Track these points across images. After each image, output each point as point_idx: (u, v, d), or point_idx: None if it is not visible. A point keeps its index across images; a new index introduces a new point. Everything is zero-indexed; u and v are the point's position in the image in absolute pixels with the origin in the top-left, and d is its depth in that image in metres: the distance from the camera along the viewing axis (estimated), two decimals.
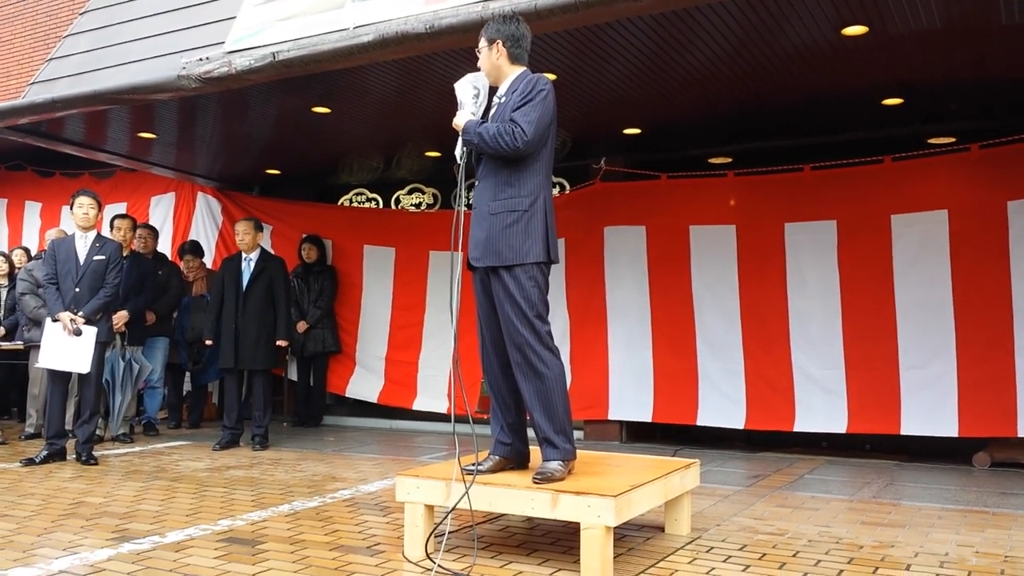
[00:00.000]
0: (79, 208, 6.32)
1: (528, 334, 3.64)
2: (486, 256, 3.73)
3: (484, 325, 3.88)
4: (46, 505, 4.78)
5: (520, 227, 3.69)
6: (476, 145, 3.74)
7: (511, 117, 3.68)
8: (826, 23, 4.98)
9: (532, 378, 3.66)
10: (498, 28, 3.88)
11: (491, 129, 3.68)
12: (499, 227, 3.69)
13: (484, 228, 3.74)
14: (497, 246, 3.69)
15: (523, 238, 3.68)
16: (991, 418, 6.16)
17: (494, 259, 3.70)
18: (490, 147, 3.69)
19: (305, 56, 5.47)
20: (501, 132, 3.64)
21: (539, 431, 3.68)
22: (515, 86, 3.80)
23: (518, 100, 3.72)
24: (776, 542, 3.97)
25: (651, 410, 7.29)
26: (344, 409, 9.09)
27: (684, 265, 7.29)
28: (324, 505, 4.80)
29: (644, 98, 6.37)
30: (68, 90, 6.69)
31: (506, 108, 3.75)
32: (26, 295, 7.50)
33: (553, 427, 3.65)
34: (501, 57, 3.86)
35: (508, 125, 3.65)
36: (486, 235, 3.72)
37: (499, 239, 3.69)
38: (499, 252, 3.69)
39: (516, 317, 3.65)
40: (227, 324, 7.07)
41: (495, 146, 3.66)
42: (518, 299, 3.65)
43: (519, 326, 3.65)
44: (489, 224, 3.72)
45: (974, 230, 6.33)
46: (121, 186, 10.17)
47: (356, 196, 9.58)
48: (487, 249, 3.72)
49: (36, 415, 7.62)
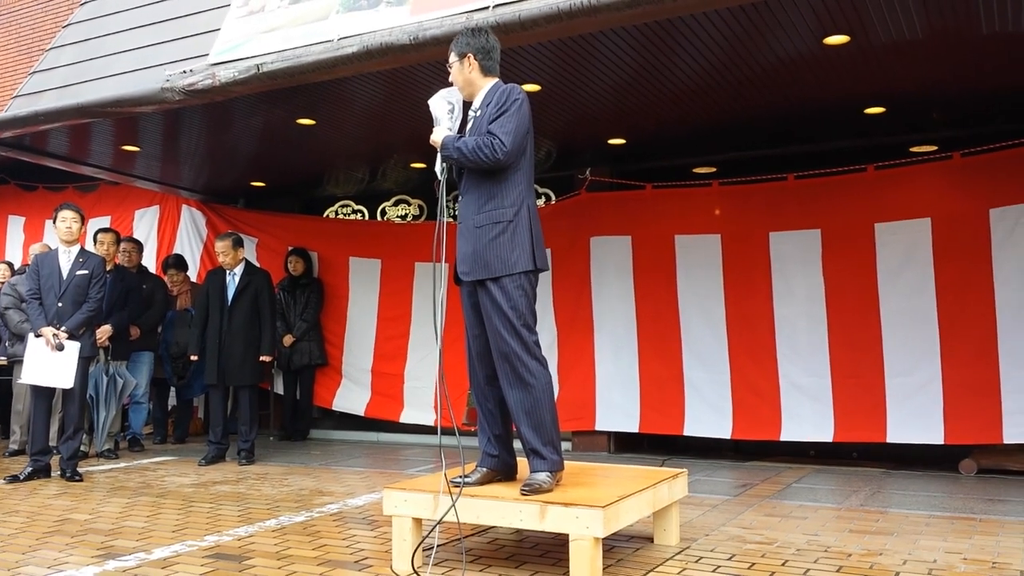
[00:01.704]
0: (62, 222, 6.28)
1: (515, 344, 3.64)
2: (475, 270, 3.72)
3: (471, 338, 3.88)
4: (31, 522, 4.73)
5: (506, 237, 3.69)
6: (456, 160, 3.75)
7: (488, 129, 3.70)
8: (808, 33, 5.01)
9: (519, 388, 3.65)
10: (468, 41, 3.89)
11: (469, 143, 3.69)
12: (485, 239, 3.69)
13: (470, 241, 3.74)
14: (485, 258, 3.69)
15: (509, 248, 3.68)
16: (976, 425, 6.18)
17: (483, 271, 3.69)
18: (470, 160, 3.70)
19: (289, 68, 5.47)
20: (480, 145, 3.66)
21: (526, 442, 3.67)
22: (489, 98, 3.82)
23: (494, 112, 3.74)
24: (765, 551, 3.97)
25: (638, 420, 7.28)
26: (331, 422, 9.05)
27: (670, 275, 7.30)
28: (311, 520, 4.77)
29: (629, 108, 6.39)
30: (51, 103, 6.65)
31: (483, 120, 3.76)
32: (9, 310, 7.44)
33: (540, 438, 3.64)
34: (473, 70, 3.88)
35: (486, 138, 3.67)
36: (472, 248, 3.72)
37: (486, 251, 3.69)
38: (487, 264, 3.69)
39: (503, 327, 3.65)
40: (212, 339, 7.03)
41: (475, 159, 3.68)
42: (505, 309, 3.65)
43: (506, 336, 3.64)
44: (475, 237, 3.72)
45: (957, 237, 6.36)
46: (105, 199, 10.12)
47: (342, 208, 9.56)
48: (475, 262, 3.72)
49: (20, 431, 7.56)
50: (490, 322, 3.70)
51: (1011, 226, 6.20)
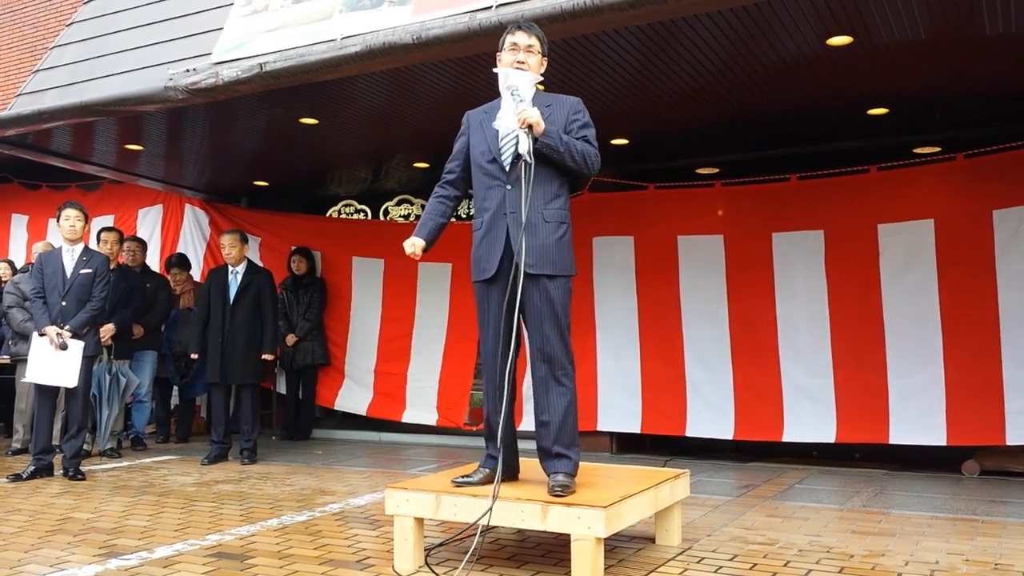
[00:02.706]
0: (66, 221, 6.29)
1: (560, 346, 3.66)
2: (541, 263, 3.65)
3: (503, 334, 3.70)
4: (33, 521, 4.74)
5: (568, 239, 3.74)
6: (558, 152, 3.65)
7: (585, 137, 3.74)
8: (811, 33, 5.00)
9: (555, 390, 3.66)
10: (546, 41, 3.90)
11: (578, 145, 3.68)
12: (554, 236, 3.68)
13: (537, 235, 3.66)
14: (552, 255, 3.67)
15: (568, 250, 3.73)
16: (979, 426, 6.17)
17: (548, 267, 3.67)
18: (575, 162, 3.69)
19: (292, 67, 5.47)
20: (588, 152, 3.71)
21: (553, 442, 3.65)
22: (549, 100, 3.80)
23: (572, 117, 3.75)
24: (767, 552, 3.96)
25: (640, 421, 7.28)
26: (333, 422, 9.05)
27: (672, 275, 7.29)
28: (313, 519, 4.77)
29: (631, 109, 6.39)
30: (54, 102, 6.66)
31: (554, 122, 3.70)
32: (12, 308, 7.45)
33: (568, 440, 3.66)
34: (542, 69, 3.88)
35: (593, 148, 3.73)
36: (541, 243, 3.66)
37: (555, 248, 3.68)
38: (554, 261, 3.68)
39: (552, 328, 3.65)
40: (214, 338, 7.04)
41: (581, 163, 3.70)
42: (558, 309, 3.66)
43: (553, 337, 3.65)
44: (544, 232, 3.67)
45: (960, 239, 6.35)
46: (108, 198, 10.13)
47: (345, 207, 9.56)
48: (542, 256, 3.66)
49: (23, 430, 7.56)
50: (538, 319, 3.66)
51: (1014, 228, 6.19)
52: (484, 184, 3.79)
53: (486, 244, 3.74)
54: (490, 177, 3.76)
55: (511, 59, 3.81)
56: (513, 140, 3.67)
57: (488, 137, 3.79)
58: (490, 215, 3.73)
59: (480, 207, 3.81)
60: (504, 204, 3.70)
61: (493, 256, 3.70)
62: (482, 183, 3.80)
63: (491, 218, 3.73)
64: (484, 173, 3.79)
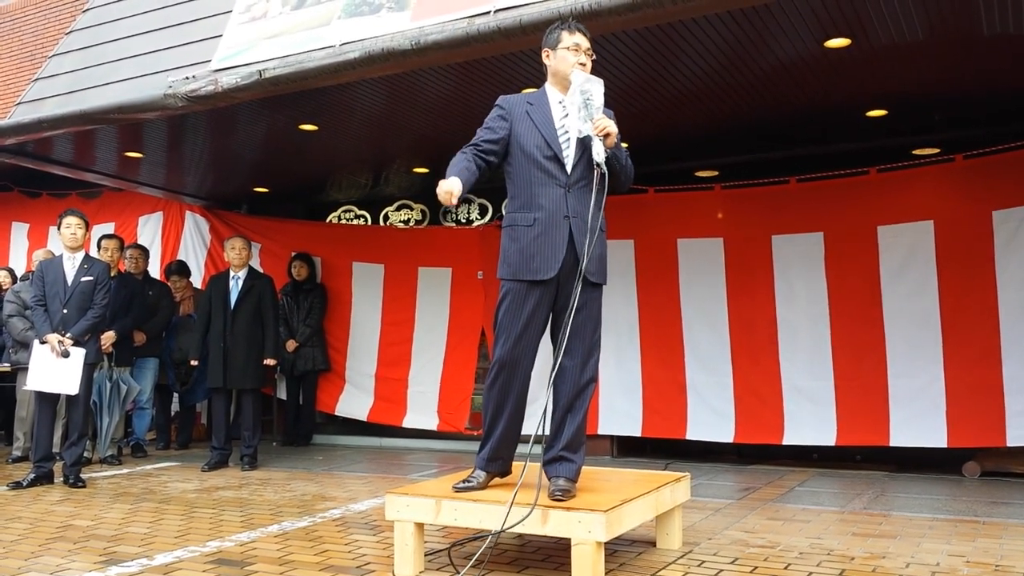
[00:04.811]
0: (66, 228, 6.29)
1: (597, 356, 3.75)
2: (600, 272, 3.74)
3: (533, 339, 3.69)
4: (34, 528, 4.74)
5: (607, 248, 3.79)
6: (619, 164, 3.69)
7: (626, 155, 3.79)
8: (809, 36, 5.01)
9: (579, 394, 3.69)
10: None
11: (625, 156, 3.71)
12: (605, 247, 3.78)
13: (599, 244, 3.69)
14: (605, 265, 3.78)
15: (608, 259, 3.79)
16: (980, 428, 6.17)
17: (603, 277, 3.78)
18: (623, 177, 3.77)
19: (292, 73, 5.48)
20: (631, 171, 3.77)
21: (564, 445, 3.66)
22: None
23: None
24: (768, 555, 3.96)
25: (640, 424, 7.27)
26: (334, 427, 9.05)
27: (672, 278, 7.29)
28: (313, 525, 4.77)
29: (630, 112, 6.39)
30: (54, 110, 6.67)
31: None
32: (13, 317, 7.45)
33: (578, 443, 3.70)
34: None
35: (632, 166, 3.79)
36: (600, 252, 3.72)
37: (605, 258, 3.78)
38: (604, 271, 3.78)
39: (595, 338, 3.73)
40: (215, 343, 7.05)
41: (625, 180, 3.79)
42: (600, 320, 3.75)
43: (594, 347, 3.73)
44: (601, 241, 3.71)
45: (960, 240, 6.36)
46: (109, 206, 10.14)
47: (345, 213, 9.57)
48: (600, 265, 3.75)
49: (23, 438, 7.55)
50: (585, 327, 3.68)
51: (1014, 228, 6.19)
52: (536, 180, 3.67)
53: (540, 244, 3.62)
54: (546, 174, 3.66)
55: (574, 60, 3.72)
56: (579, 144, 3.66)
57: (545, 132, 3.69)
58: (546, 215, 3.63)
59: (529, 202, 3.67)
60: (564, 206, 3.64)
61: (552, 258, 3.60)
62: (534, 178, 3.67)
63: (548, 219, 3.64)
64: (539, 168, 3.66)
